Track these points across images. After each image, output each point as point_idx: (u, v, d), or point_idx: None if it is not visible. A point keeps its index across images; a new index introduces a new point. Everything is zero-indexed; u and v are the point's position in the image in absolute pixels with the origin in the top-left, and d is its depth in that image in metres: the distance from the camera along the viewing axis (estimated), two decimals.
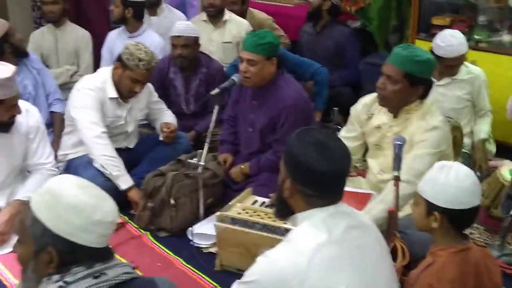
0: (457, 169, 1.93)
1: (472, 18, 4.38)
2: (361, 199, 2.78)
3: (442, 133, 2.75)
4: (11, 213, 2.97)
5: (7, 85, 2.82)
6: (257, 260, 1.71)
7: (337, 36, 4.70)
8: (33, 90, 3.88)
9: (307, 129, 1.81)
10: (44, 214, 1.44)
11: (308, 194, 1.72)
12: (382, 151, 2.96)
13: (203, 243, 3.02)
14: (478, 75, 3.67)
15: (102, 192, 1.52)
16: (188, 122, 4.11)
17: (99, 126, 3.35)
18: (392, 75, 2.70)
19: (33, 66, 3.95)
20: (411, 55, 2.67)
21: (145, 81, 3.46)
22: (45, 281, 1.44)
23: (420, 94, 2.75)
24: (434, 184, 1.93)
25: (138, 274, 1.54)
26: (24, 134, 3.08)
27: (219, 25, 4.67)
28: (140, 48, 3.37)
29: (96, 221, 1.44)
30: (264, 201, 2.95)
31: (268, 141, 3.41)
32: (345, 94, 4.48)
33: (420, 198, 1.97)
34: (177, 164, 3.32)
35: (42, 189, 1.48)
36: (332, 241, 1.67)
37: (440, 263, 1.91)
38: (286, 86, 3.32)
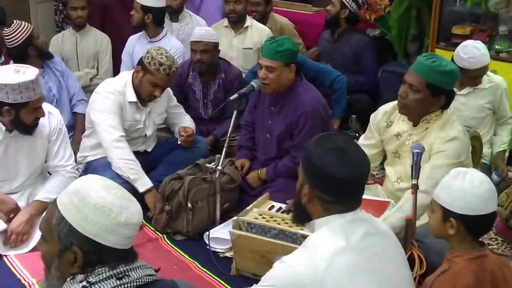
0: (472, 175, 1.93)
1: (493, 27, 4.35)
2: (379, 207, 2.76)
3: (461, 143, 2.73)
4: (31, 214, 2.99)
5: (31, 87, 2.84)
6: (274, 265, 1.71)
7: (355, 44, 4.70)
8: (57, 92, 3.93)
9: (326, 135, 1.82)
10: (71, 214, 1.45)
11: (326, 200, 1.72)
12: (400, 159, 2.94)
13: (219, 247, 3.02)
14: (500, 84, 3.65)
15: (127, 194, 1.53)
16: (206, 127, 4.13)
17: (117, 130, 3.37)
18: (415, 84, 2.68)
19: (57, 68, 4.00)
20: (435, 65, 2.65)
21: (165, 85, 3.48)
22: (69, 281, 1.44)
23: (442, 104, 2.73)
24: (450, 190, 1.92)
25: (160, 277, 1.54)
26: (46, 136, 3.11)
27: (240, 31, 4.70)
28: (161, 53, 3.39)
29: (122, 222, 1.45)
30: (280, 207, 2.96)
31: (285, 147, 3.41)
32: (363, 102, 4.48)
33: (436, 205, 1.96)
34: (194, 168, 3.33)
35: (70, 189, 1.49)
36: (350, 247, 1.66)
37: (456, 269, 1.91)
38: (304, 93, 3.33)
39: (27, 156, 3.08)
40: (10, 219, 2.97)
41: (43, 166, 3.21)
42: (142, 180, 3.33)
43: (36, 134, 3.05)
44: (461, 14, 4.50)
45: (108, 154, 3.38)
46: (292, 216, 1.97)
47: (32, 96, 2.86)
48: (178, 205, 3.15)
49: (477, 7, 4.36)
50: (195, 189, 3.16)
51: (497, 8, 4.25)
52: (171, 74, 3.42)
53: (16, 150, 3.04)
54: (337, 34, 4.74)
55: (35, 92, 2.87)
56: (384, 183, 3.13)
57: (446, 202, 1.92)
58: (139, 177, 3.33)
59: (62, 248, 1.46)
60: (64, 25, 5.32)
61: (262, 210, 2.90)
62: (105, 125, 3.37)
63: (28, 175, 3.14)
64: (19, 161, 3.07)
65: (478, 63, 3.43)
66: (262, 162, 3.54)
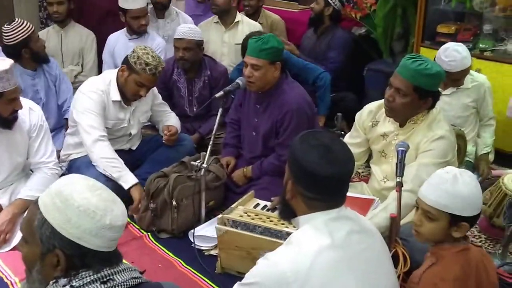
0: (469, 177, 1.94)
1: (477, 26, 4.38)
2: (363, 204, 2.77)
3: (448, 142, 2.74)
4: (14, 212, 2.97)
5: (4, 78, 2.82)
6: (258, 262, 1.71)
7: (329, 38, 4.73)
8: (44, 96, 3.90)
9: (312, 132, 1.81)
10: (54, 216, 1.41)
11: (309, 197, 1.72)
12: (386, 159, 2.95)
13: (204, 245, 3.01)
14: (483, 83, 3.68)
15: (111, 194, 1.49)
16: (192, 125, 4.12)
17: (97, 130, 3.33)
18: (402, 88, 2.67)
19: (50, 72, 3.96)
20: (421, 68, 2.63)
21: (151, 85, 3.46)
22: (51, 284, 1.41)
23: (429, 105, 2.74)
24: (458, 197, 1.90)
25: (145, 279, 1.52)
26: (27, 132, 3.09)
27: (230, 27, 4.69)
28: (147, 52, 3.36)
29: (107, 225, 1.42)
30: (266, 205, 2.96)
31: (271, 145, 3.41)
32: (348, 99, 4.50)
33: (441, 213, 1.92)
34: (180, 166, 3.31)
35: (52, 190, 1.45)
36: (334, 245, 1.66)
37: (443, 262, 1.93)
38: (289, 90, 3.32)
39: (7, 151, 3.05)
40: None
41: (25, 163, 3.17)
42: (126, 176, 3.30)
43: (16, 130, 3.02)
44: (446, 12, 4.52)
45: (90, 155, 3.35)
46: (278, 211, 1.98)
47: (6, 87, 2.83)
48: (163, 203, 3.14)
49: (462, 6, 4.39)
50: (180, 187, 3.15)
51: (482, 8, 4.28)
52: (157, 74, 3.39)
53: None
54: (320, 32, 4.77)
55: (9, 83, 2.84)
56: (369, 182, 3.14)
57: (456, 209, 1.90)
58: (123, 175, 3.30)
59: (44, 251, 1.42)
60: (49, 22, 5.27)
61: (247, 208, 2.90)
62: (86, 125, 3.34)
63: (10, 172, 3.10)
64: (1, 158, 3.04)
65: (459, 66, 3.45)
66: (247, 160, 3.53)
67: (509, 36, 4.22)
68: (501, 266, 2.86)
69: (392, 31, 4.92)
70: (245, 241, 2.69)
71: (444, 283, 1.88)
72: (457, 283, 1.89)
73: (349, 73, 4.82)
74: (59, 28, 4.58)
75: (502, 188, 3.11)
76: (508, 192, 3.03)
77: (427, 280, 1.91)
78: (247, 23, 4.68)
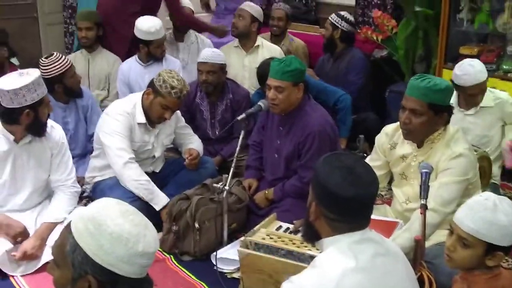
0: (509, 205, 1.88)
1: (501, 47, 4.36)
2: (387, 227, 2.74)
3: (468, 160, 2.71)
4: (43, 238, 3.01)
5: (41, 83, 2.97)
6: (283, 285, 1.69)
7: (347, 60, 4.72)
8: (73, 128, 3.94)
9: (336, 154, 1.82)
10: (86, 241, 1.39)
11: (332, 219, 1.71)
12: (407, 181, 2.93)
13: (226, 268, 3.00)
14: (506, 99, 3.62)
15: (144, 219, 1.47)
16: (214, 147, 4.14)
17: (127, 152, 3.38)
18: (417, 108, 2.67)
19: (83, 103, 3.97)
20: (431, 85, 2.63)
21: (176, 108, 3.49)
22: None
23: (445, 121, 2.73)
24: (497, 226, 1.85)
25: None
26: (49, 148, 3.14)
27: (251, 51, 4.74)
28: (173, 76, 3.40)
29: (139, 252, 1.39)
30: (288, 227, 2.93)
31: (293, 167, 3.40)
32: (370, 121, 4.47)
33: (477, 241, 1.87)
34: (202, 188, 3.32)
35: (85, 215, 1.42)
36: (359, 267, 1.64)
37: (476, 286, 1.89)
38: (312, 112, 3.33)
39: (34, 168, 3.11)
40: (17, 242, 2.98)
41: (47, 181, 3.21)
42: (157, 198, 3.35)
43: (41, 146, 3.09)
44: (468, 34, 4.51)
45: (120, 177, 3.38)
46: (302, 233, 1.97)
47: (44, 91, 2.98)
48: (185, 225, 3.14)
49: (485, 27, 4.37)
50: (203, 209, 3.15)
51: (505, 28, 4.26)
52: (182, 97, 3.44)
53: (23, 161, 3.07)
54: (336, 55, 4.78)
55: (44, 87, 2.99)
56: (392, 204, 3.11)
57: (494, 238, 1.85)
58: (154, 196, 3.35)
59: (75, 276, 1.40)
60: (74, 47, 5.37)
61: (270, 231, 2.88)
62: (114, 148, 3.38)
63: (33, 189, 3.15)
64: (26, 174, 3.10)
65: (473, 80, 3.42)
66: (269, 182, 3.52)
67: None
68: None
69: (414, 53, 4.91)
70: (267, 264, 2.67)
71: None
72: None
73: (370, 94, 4.82)
74: (87, 53, 4.64)
75: None
76: None
77: None
78: (267, 47, 4.74)
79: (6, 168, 3.04)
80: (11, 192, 3.09)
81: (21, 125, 2.97)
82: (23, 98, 2.88)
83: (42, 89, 2.96)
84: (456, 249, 1.92)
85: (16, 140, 3.02)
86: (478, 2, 4.41)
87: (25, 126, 2.98)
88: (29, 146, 3.07)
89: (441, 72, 4.46)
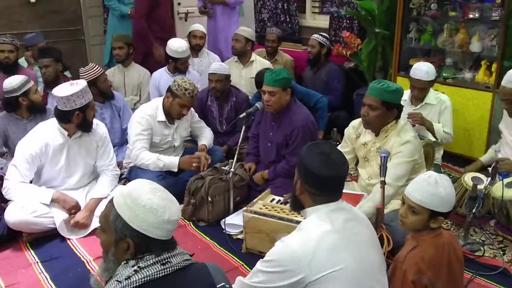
0: (446, 181, 1.90)
1: (441, 59, 4.34)
2: (355, 199, 2.74)
3: (414, 145, 2.71)
4: (91, 210, 3.02)
5: (87, 91, 2.96)
6: (276, 244, 1.70)
7: (326, 71, 4.71)
8: (109, 122, 3.91)
9: (316, 143, 1.81)
10: (125, 212, 1.41)
11: (313, 193, 1.72)
12: (369, 162, 2.93)
13: (233, 231, 3.01)
14: (445, 100, 3.61)
15: (169, 195, 1.48)
16: (222, 139, 4.13)
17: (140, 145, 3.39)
18: (373, 104, 2.69)
19: (116, 105, 3.95)
20: (385, 87, 2.66)
21: (190, 105, 3.48)
22: (123, 265, 1.41)
23: (395, 115, 2.74)
24: (438, 197, 1.86)
25: (194, 261, 1.51)
26: (95, 140, 3.14)
27: (247, 65, 4.72)
28: (185, 81, 3.41)
29: (166, 220, 1.41)
30: (280, 199, 2.94)
31: (282, 153, 3.40)
32: (342, 117, 4.46)
33: (423, 209, 1.88)
34: (213, 170, 3.32)
35: (124, 192, 1.44)
36: (334, 230, 1.65)
37: (422, 246, 1.90)
38: (297, 111, 3.32)
39: (84, 156, 3.10)
40: (71, 213, 2.98)
41: (94, 166, 3.21)
42: (170, 163, 3.36)
43: (91, 136, 3.08)
44: (416, 49, 4.49)
45: (138, 163, 3.40)
46: (290, 205, 1.96)
47: (90, 97, 2.96)
48: (201, 199, 3.14)
49: (428, 44, 4.35)
50: (214, 186, 3.15)
51: (444, 45, 4.25)
52: (194, 97, 3.43)
53: (74, 151, 3.06)
54: (316, 68, 4.75)
55: (90, 94, 2.97)
56: (358, 181, 3.11)
57: (435, 206, 1.87)
58: (166, 163, 3.35)
59: (117, 238, 1.42)
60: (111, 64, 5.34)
61: (266, 202, 2.89)
62: (134, 149, 3.40)
63: (83, 173, 3.14)
64: (77, 161, 3.09)
65: (424, 76, 3.43)
66: (265, 165, 3.52)
67: (465, 67, 4.17)
68: (464, 246, 2.81)
69: (375, 64, 4.89)
70: (265, 225, 2.68)
71: (423, 261, 1.86)
72: (432, 261, 1.87)
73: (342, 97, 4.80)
74: (122, 67, 4.61)
75: (463, 185, 3.06)
76: (468, 188, 2.99)
77: (410, 260, 1.87)
78: (259, 62, 4.71)
79: (62, 157, 3.03)
80: (66, 175, 3.09)
81: (73, 124, 2.96)
82: (73, 103, 2.87)
83: (88, 95, 2.95)
84: (407, 215, 1.93)
85: (69, 135, 3.01)
86: (423, 24, 4.39)
87: (75, 124, 2.97)
88: (79, 140, 3.06)
89: (395, 79, 4.45)
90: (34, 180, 3.05)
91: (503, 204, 2.87)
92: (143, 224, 1.40)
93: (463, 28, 4.10)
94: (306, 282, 1.59)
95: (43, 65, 3.99)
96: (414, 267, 1.84)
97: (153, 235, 1.41)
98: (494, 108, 3.85)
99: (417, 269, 1.84)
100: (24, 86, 3.30)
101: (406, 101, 3.64)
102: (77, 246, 2.90)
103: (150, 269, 1.38)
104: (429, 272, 1.85)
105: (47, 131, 2.98)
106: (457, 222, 3.13)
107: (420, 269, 1.84)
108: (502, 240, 2.95)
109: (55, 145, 2.98)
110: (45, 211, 2.92)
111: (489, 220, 3.11)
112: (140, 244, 1.41)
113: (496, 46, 3.86)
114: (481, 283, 2.55)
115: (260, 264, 1.72)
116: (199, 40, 4.81)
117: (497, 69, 3.82)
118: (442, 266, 1.90)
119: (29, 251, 2.85)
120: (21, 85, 3.29)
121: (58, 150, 3.00)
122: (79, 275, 2.61)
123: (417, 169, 2.74)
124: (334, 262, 1.60)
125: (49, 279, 2.60)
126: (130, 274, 1.37)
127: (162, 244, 1.43)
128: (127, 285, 1.35)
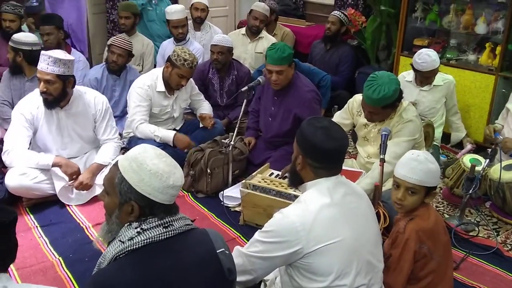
0: (431, 157, 1.96)
1: (445, 40, 4.30)
2: (354, 175, 2.76)
3: (415, 125, 2.72)
4: (93, 173, 3.02)
5: (65, 63, 2.87)
6: (274, 215, 1.71)
7: (340, 52, 4.69)
8: (118, 95, 3.91)
9: (315, 117, 1.80)
10: (130, 176, 1.41)
11: (316, 166, 1.71)
12: (368, 142, 2.93)
13: (230, 203, 3.03)
14: (452, 80, 3.65)
15: (174, 161, 1.49)
16: (222, 112, 4.12)
17: (139, 117, 3.38)
18: (373, 111, 2.67)
19: (131, 79, 3.86)
20: (380, 96, 2.57)
21: (189, 76, 3.45)
22: (126, 226, 1.43)
23: (398, 105, 2.72)
24: (431, 173, 1.91)
25: (195, 226, 1.52)
26: (91, 114, 3.10)
27: (254, 40, 4.69)
28: (185, 51, 3.37)
29: (170, 185, 1.42)
30: (278, 174, 2.95)
31: (284, 128, 3.36)
32: (343, 96, 4.42)
33: (420, 187, 1.91)
34: (213, 143, 3.32)
35: (129, 156, 1.45)
36: (333, 203, 1.66)
37: (419, 217, 1.95)
38: (302, 85, 3.28)
39: (75, 128, 3.07)
40: (73, 179, 2.98)
41: (93, 137, 3.19)
42: (165, 136, 3.36)
43: (83, 111, 3.06)
44: (421, 29, 4.44)
45: (136, 133, 3.41)
46: (288, 180, 1.95)
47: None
48: (200, 170, 3.15)
49: (433, 24, 4.30)
50: (213, 159, 3.16)
51: (450, 26, 4.20)
52: (193, 67, 3.39)
53: (64, 124, 3.03)
54: (329, 45, 4.70)
55: (65, 68, 2.88)
56: (357, 158, 3.12)
57: (430, 182, 1.91)
58: (162, 136, 3.35)
59: (122, 201, 1.43)
60: (114, 32, 5.27)
61: (264, 176, 2.90)
62: (132, 114, 3.40)
63: (81, 142, 3.13)
64: (70, 133, 3.06)
65: (429, 67, 3.43)
66: (265, 139, 3.52)
67: (469, 49, 4.14)
68: (459, 226, 2.84)
69: (378, 43, 4.84)
70: (261, 201, 2.70)
71: (423, 231, 1.91)
72: (431, 231, 1.93)
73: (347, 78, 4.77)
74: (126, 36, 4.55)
75: (461, 166, 3.07)
76: (466, 169, 3.00)
77: (410, 229, 1.91)
78: (266, 38, 4.70)
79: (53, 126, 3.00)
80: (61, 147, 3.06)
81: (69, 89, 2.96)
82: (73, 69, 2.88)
83: (65, 69, 2.85)
84: (406, 198, 1.94)
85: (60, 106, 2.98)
86: (429, 4, 4.32)
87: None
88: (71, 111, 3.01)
89: (398, 58, 4.42)
90: (32, 149, 3.03)
91: (500, 186, 2.89)
92: (148, 188, 1.41)
93: (469, 9, 4.04)
94: (304, 253, 1.61)
95: (45, 32, 3.94)
96: (415, 235, 1.88)
97: (157, 199, 1.42)
98: (496, 91, 3.83)
99: (418, 238, 1.88)
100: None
101: (411, 82, 3.63)
102: (76, 213, 2.91)
103: (153, 231, 1.40)
104: (429, 242, 1.90)
105: (38, 96, 2.94)
106: (453, 203, 3.16)
107: (420, 238, 1.89)
108: (497, 222, 2.98)
109: (46, 111, 2.96)
110: (45, 177, 2.92)
111: (485, 202, 3.13)
112: (144, 207, 1.42)
113: (502, 28, 3.82)
114: (473, 262, 2.59)
115: (258, 234, 1.73)
116: (201, 12, 4.72)
117: (501, 52, 3.79)
118: (439, 236, 1.94)
119: (29, 216, 2.87)
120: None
121: (49, 116, 2.97)
122: (78, 240, 2.64)
123: (417, 148, 2.75)
124: (331, 234, 1.62)
125: (48, 243, 2.62)
126: (133, 235, 1.39)
127: (165, 208, 1.44)
128: (129, 245, 1.37)
